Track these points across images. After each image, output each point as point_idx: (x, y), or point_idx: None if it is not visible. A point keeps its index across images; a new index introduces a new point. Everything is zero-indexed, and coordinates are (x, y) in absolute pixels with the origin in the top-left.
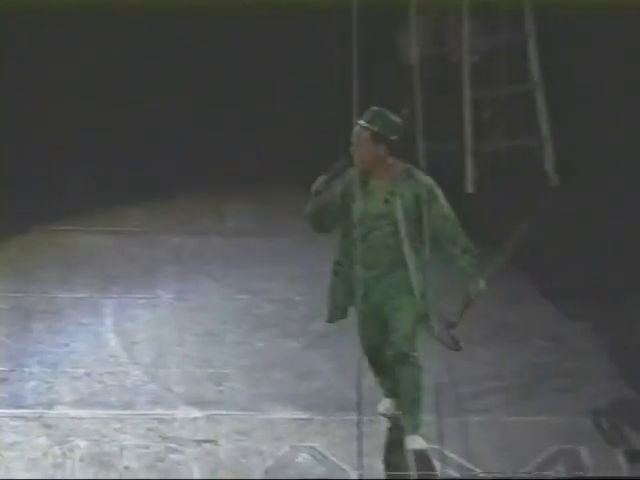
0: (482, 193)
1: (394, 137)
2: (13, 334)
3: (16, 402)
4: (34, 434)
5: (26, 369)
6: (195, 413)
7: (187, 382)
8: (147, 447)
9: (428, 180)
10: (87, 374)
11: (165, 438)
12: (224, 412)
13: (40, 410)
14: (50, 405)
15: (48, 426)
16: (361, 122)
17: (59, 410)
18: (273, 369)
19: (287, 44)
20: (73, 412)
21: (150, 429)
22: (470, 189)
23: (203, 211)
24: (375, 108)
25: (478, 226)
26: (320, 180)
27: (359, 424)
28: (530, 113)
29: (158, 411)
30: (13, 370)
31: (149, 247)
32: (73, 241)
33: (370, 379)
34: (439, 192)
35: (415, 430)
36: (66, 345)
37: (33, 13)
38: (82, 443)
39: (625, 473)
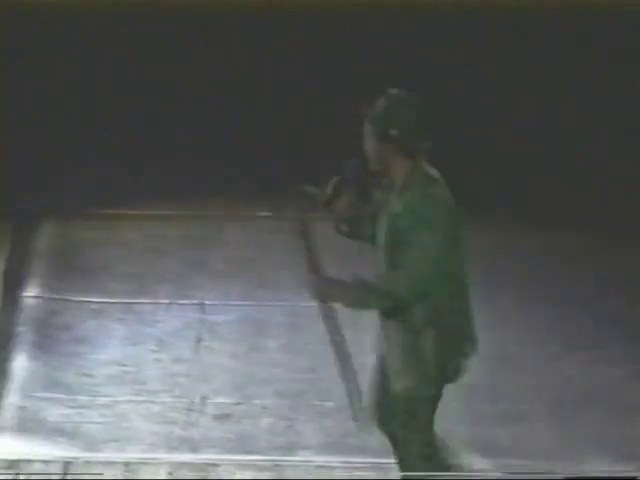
0: None
1: (398, 134)
2: (240, 355)
3: (245, 446)
4: None
5: (258, 401)
6: (482, 463)
7: (470, 421)
8: None
9: (414, 199)
10: (339, 409)
11: None
12: (520, 462)
13: (277, 457)
14: (290, 450)
15: (287, 477)
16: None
17: (302, 456)
18: (588, 405)
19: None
20: (321, 459)
21: None
22: None
23: None
24: (391, 91)
25: None
26: (330, 186)
27: None
28: None
29: None
30: (240, 403)
31: None
32: (316, 228)
33: None
34: (422, 221)
35: None
36: (312, 370)
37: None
38: None
39: None
